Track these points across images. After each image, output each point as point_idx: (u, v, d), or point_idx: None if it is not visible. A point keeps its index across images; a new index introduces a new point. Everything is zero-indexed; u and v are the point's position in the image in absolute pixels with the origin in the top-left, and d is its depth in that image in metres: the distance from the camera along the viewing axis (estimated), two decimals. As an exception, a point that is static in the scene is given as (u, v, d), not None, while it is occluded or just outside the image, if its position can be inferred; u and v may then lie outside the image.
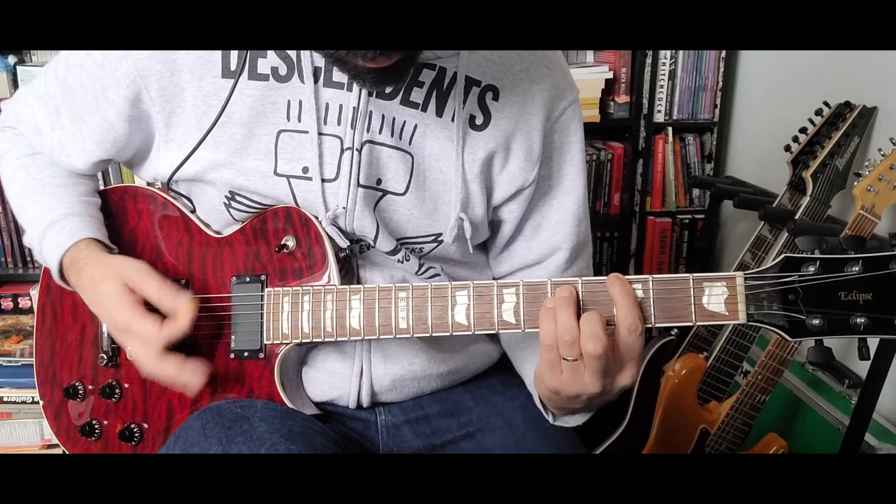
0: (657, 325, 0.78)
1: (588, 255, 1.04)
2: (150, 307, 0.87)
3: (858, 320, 0.73)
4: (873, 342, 1.46)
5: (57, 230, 0.93)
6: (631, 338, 0.76)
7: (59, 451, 1.03)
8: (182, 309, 0.85)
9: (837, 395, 1.72)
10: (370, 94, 0.88)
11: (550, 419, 0.91)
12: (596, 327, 0.75)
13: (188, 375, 0.85)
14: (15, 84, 2.00)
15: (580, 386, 0.77)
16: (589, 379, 0.77)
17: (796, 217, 1.61)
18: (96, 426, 0.98)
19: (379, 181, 0.91)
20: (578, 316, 0.76)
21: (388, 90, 0.88)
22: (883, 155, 1.50)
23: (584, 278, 0.79)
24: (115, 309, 0.86)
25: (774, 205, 1.75)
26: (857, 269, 0.73)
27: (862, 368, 1.67)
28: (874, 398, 1.53)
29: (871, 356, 1.04)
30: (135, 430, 0.96)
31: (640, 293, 0.78)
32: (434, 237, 0.95)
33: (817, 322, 0.74)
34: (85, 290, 0.91)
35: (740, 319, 0.76)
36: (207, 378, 0.86)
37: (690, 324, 0.78)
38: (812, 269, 0.74)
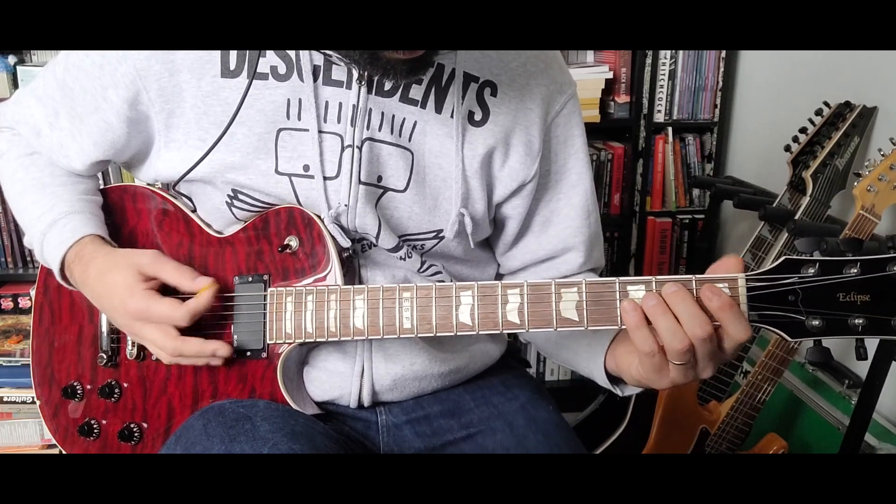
0: None
1: (600, 242, 1.06)
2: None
3: (856, 321, 0.74)
4: (871, 343, 1.46)
5: (59, 229, 0.93)
6: (703, 346, 0.74)
7: (59, 450, 1.02)
8: (204, 285, 0.86)
9: (837, 395, 1.72)
10: (370, 92, 0.88)
11: (620, 392, 0.91)
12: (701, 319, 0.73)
13: (212, 348, 0.87)
14: (15, 84, 2.00)
15: (681, 380, 0.77)
16: (698, 372, 0.77)
17: (796, 217, 1.61)
18: (95, 426, 0.98)
19: (379, 178, 0.91)
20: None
21: (387, 87, 0.89)
22: (883, 155, 1.50)
23: (588, 280, 0.80)
24: (129, 297, 0.86)
25: (774, 205, 1.75)
26: (855, 270, 0.73)
27: (862, 368, 1.67)
28: (874, 398, 1.53)
29: (869, 357, 1.04)
30: (134, 429, 0.96)
31: (643, 294, 0.78)
32: (435, 233, 0.95)
33: (816, 323, 0.75)
34: (91, 284, 0.91)
35: None
36: (231, 349, 0.88)
37: None
38: (812, 270, 0.75)
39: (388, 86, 0.89)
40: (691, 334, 0.73)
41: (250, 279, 0.92)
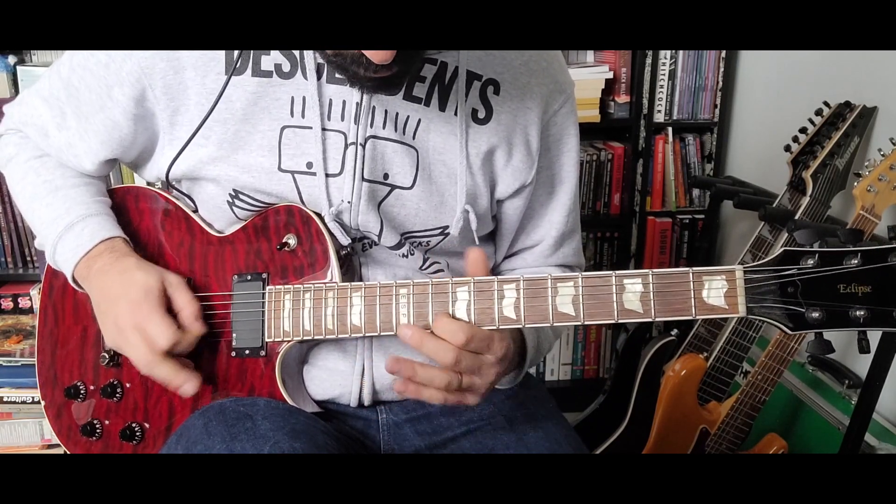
0: (658, 319, 0.78)
1: (575, 242, 1.07)
2: None
3: (858, 313, 0.73)
4: (873, 337, 1.45)
5: (76, 232, 0.93)
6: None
7: (59, 450, 1.03)
8: (196, 330, 0.88)
9: (837, 395, 1.72)
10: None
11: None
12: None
13: (182, 380, 0.86)
14: (15, 84, 2.00)
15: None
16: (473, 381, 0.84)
17: (796, 217, 1.61)
18: (97, 426, 0.98)
19: (386, 176, 0.92)
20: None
21: None
22: (883, 155, 1.50)
23: (584, 273, 0.80)
24: (143, 300, 0.86)
25: (774, 205, 1.75)
26: (855, 261, 0.72)
27: (862, 369, 1.67)
28: (874, 398, 1.53)
29: (872, 350, 1.03)
30: (136, 429, 0.96)
31: (639, 287, 0.78)
32: (441, 230, 0.95)
33: (817, 315, 0.74)
34: (108, 277, 0.90)
35: (740, 312, 0.76)
36: (199, 386, 0.88)
37: (690, 317, 0.77)
38: (811, 262, 0.74)
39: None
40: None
41: (249, 277, 0.92)
